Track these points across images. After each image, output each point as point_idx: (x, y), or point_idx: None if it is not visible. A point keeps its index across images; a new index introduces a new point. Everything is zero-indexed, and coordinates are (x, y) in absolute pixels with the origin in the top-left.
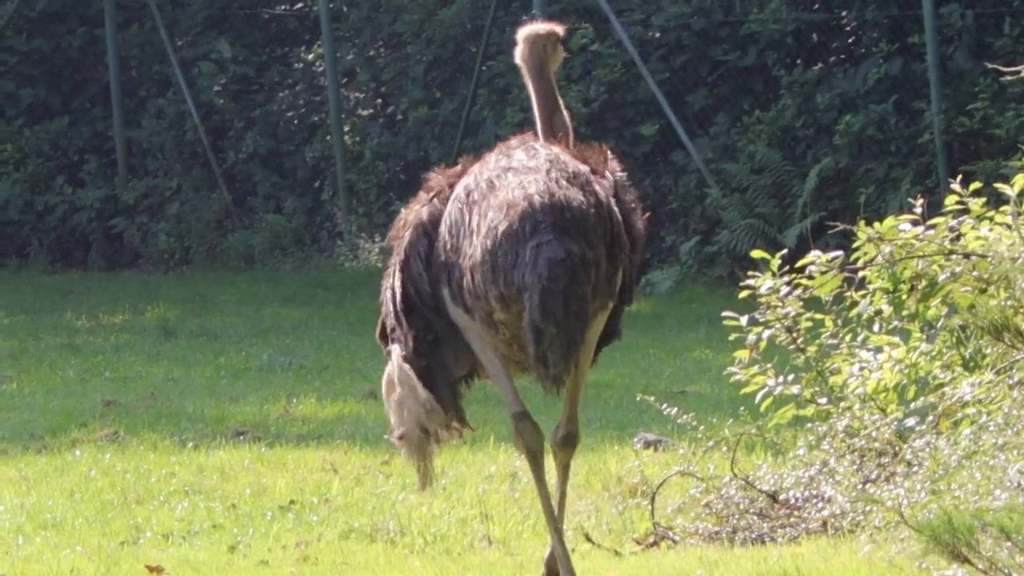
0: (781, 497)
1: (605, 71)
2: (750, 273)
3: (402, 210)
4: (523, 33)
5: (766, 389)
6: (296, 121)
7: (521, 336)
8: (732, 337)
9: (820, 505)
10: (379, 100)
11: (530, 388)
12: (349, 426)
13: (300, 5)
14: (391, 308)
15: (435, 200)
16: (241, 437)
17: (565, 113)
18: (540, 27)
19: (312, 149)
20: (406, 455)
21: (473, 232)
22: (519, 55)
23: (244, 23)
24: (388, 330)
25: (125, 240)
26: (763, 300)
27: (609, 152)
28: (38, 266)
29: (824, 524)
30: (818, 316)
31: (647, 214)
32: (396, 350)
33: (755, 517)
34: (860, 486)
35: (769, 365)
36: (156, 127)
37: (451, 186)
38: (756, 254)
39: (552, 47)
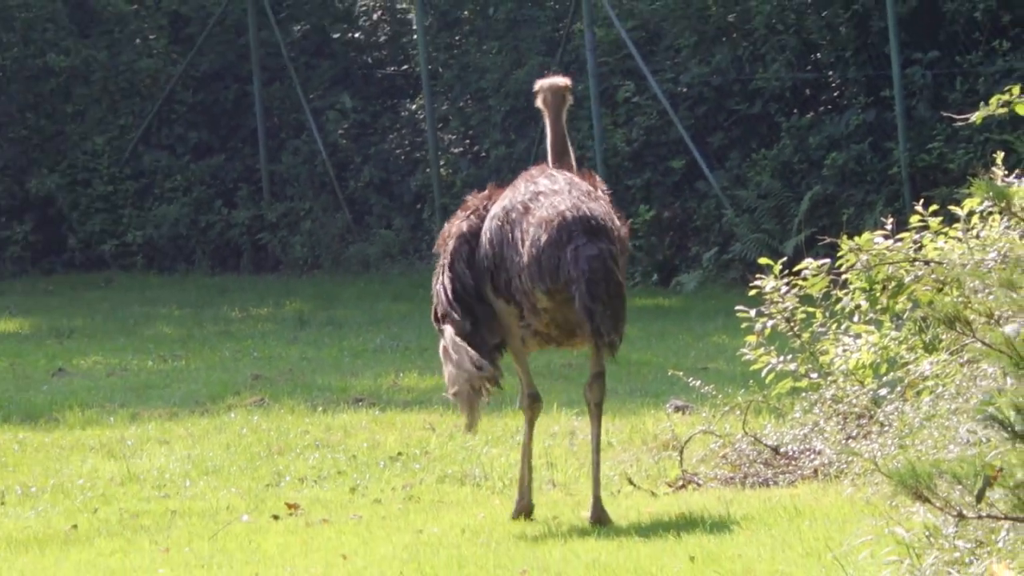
0: (782, 450)
1: (644, 118)
2: (757, 276)
3: (445, 224)
4: (545, 83)
5: (770, 366)
6: (403, 157)
7: (557, 319)
8: (743, 326)
9: (812, 456)
10: (467, 141)
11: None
12: (444, 395)
13: (405, 67)
14: (443, 298)
15: (472, 216)
16: (360, 403)
17: (571, 150)
18: (559, 79)
19: (415, 180)
20: (460, 405)
21: (517, 243)
22: (541, 101)
23: (362, 80)
24: (440, 315)
25: (269, 250)
26: (768, 297)
27: (597, 176)
28: (201, 270)
29: (816, 471)
30: (810, 309)
31: (627, 230)
32: (449, 328)
33: (761, 466)
34: (844, 442)
35: (772, 347)
36: (293, 162)
37: (484, 206)
38: (762, 261)
39: (568, 96)
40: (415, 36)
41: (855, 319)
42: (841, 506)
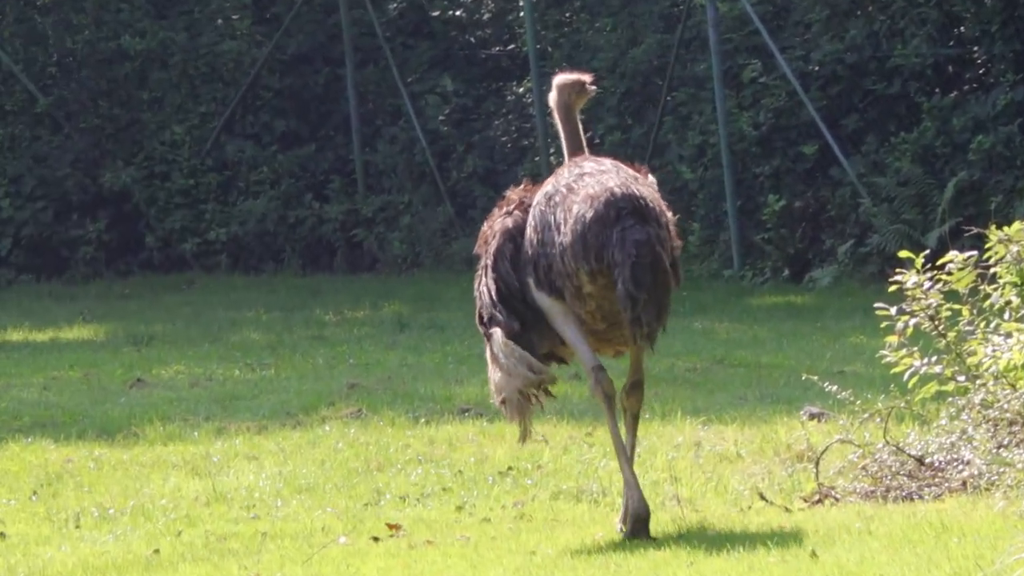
0: (927, 461)
1: (772, 100)
2: (898, 270)
3: (484, 223)
4: (555, 81)
5: (913, 369)
6: (509, 145)
7: (603, 307)
8: (883, 325)
9: (960, 467)
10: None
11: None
12: (557, 403)
13: (511, 46)
14: (487, 300)
15: (515, 211)
16: (465, 413)
17: (586, 149)
18: (568, 77)
19: (523, 169)
20: (508, 414)
21: (560, 224)
22: (551, 100)
23: (464, 62)
24: (486, 318)
25: (365, 247)
26: (909, 293)
27: (645, 168)
28: (291, 270)
29: (964, 483)
30: (956, 306)
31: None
32: (498, 331)
33: (905, 478)
34: (995, 451)
35: (915, 348)
36: (390, 151)
37: (527, 199)
38: (903, 254)
39: (577, 93)
40: (522, 13)
41: (1005, 316)
42: (992, 521)
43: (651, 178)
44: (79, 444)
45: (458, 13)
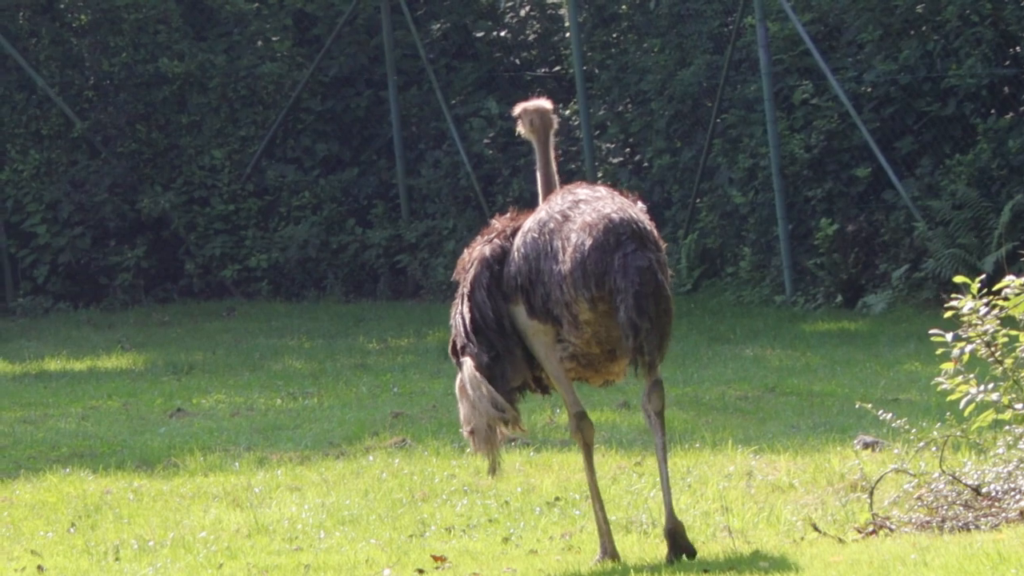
0: (984, 490)
1: (824, 121)
2: (953, 296)
3: (464, 250)
4: (530, 106)
5: (969, 396)
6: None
7: (599, 334)
8: (939, 351)
9: (1018, 496)
10: (627, 149)
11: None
12: (605, 432)
13: (557, 68)
14: (461, 329)
15: (495, 240)
16: (512, 443)
17: (556, 180)
18: (543, 103)
19: None
20: (475, 446)
21: (557, 252)
22: (528, 126)
23: (509, 84)
24: (459, 347)
25: (409, 273)
26: (965, 319)
27: (635, 195)
28: (334, 297)
29: (1022, 513)
30: (1013, 332)
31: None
32: (468, 362)
33: (961, 508)
34: None
35: (971, 375)
36: (434, 175)
37: (509, 228)
38: (958, 279)
39: (554, 121)
40: (568, 34)
41: None
42: None
43: (640, 205)
44: (118, 475)
45: (503, 34)
